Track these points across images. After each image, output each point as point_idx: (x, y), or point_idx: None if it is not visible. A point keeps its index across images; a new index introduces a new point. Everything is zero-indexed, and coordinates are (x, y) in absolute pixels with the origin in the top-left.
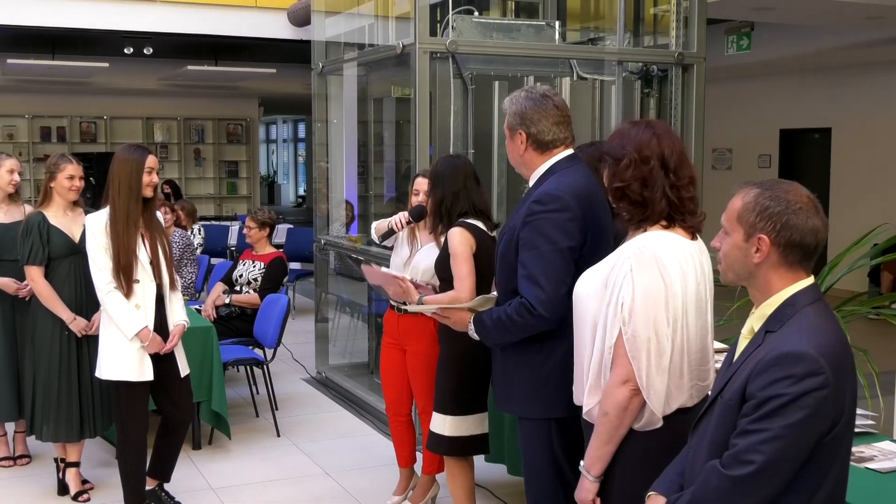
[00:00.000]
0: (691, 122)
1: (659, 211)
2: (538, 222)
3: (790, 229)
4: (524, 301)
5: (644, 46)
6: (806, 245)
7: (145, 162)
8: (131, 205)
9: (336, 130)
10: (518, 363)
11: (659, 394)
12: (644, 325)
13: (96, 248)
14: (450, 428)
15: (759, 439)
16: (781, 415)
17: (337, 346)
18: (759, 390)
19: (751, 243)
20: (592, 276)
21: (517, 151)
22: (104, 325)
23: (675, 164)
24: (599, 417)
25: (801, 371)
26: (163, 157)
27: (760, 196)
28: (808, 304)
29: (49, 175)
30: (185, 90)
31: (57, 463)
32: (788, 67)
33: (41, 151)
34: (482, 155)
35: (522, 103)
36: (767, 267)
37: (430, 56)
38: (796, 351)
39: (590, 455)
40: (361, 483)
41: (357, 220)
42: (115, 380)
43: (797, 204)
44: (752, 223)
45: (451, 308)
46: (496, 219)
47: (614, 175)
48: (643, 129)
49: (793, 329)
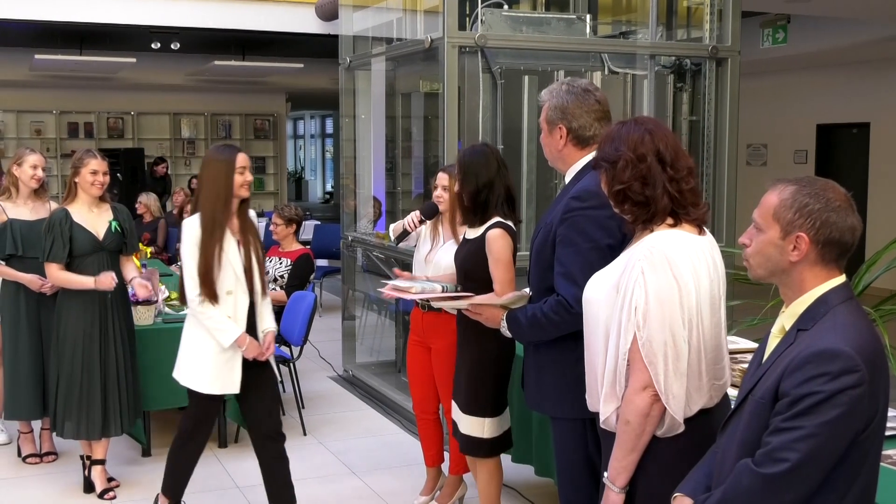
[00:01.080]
0: (725, 118)
1: (662, 207)
2: (577, 219)
3: (829, 227)
4: (561, 299)
5: (677, 40)
6: (843, 243)
7: (235, 161)
8: (217, 208)
9: (364, 126)
10: (552, 362)
11: (679, 398)
12: (659, 328)
13: (188, 257)
14: (489, 430)
15: (794, 437)
16: (817, 412)
17: (364, 344)
18: (794, 388)
19: (788, 241)
20: (602, 280)
21: (555, 146)
22: (190, 329)
23: (671, 158)
24: (621, 426)
25: (837, 368)
26: (189, 153)
27: (798, 193)
28: (841, 303)
29: (73, 170)
30: (212, 85)
31: (83, 460)
32: (826, 61)
33: (68, 147)
34: (511, 151)
35: (564, 97)
36: (803, 265)
37: (458, 50)
38: (832, 348)
39: (613, 466)
40: (388, 483)
41: (385, 216)
42: (198, 391)
43: (836, 202)
44: (791, 220)
45: (484, 304)
46: (526, 215)
47: (613, 178)
48: (633, 127)
49: (827, 327)
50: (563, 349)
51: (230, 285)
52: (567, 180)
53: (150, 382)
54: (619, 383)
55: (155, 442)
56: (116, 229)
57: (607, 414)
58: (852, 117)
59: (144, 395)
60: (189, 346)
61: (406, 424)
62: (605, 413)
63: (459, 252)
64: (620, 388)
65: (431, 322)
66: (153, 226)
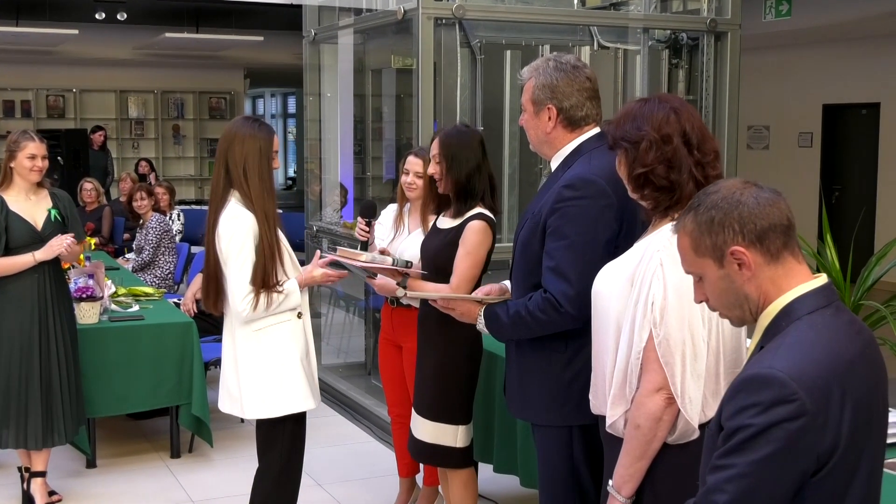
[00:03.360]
0: (725, 97)
1: (688, 193)
2: (569, 209)
3: (751, 221)
4: (549, 296)
5: (672, 12)
6: (776, 225)
7: (273, 142)
8: (267, 196)
9: (330, 105)
10: (538, 364)
11: (695, 402)
12: (678, 326)
13: (242, 256)
14: (462, 438)
15: (724, 477)
16: (748, 449)
17: (330, 344)
18: (727, 419)
19: (728, 264)
20: (614, 271)
21: (543, 129)
22: (253, 350)
23: (697, 140)
24: (630, 431)
25: (768, 398)
26: (137, 134)
27: (697, 217)
28: (809, 313)
29: (9, 154)
30: (162, 60)
31: (21, 472)
32: (832, 36)
33: (3, 128)
34: (492, 132)
35: (552, 74)
36: (758, 277)
37: (434, 22)
38: (762, 374)
39: (620, 474)
40: (357, 495)
41: (352, 203)
42: (287, 415)
43: (731, 192)
44: (714, 245)
45: (458, 298)
46: (507, 203)
47: (634, 160)
48: (657, 105)
49: (774, 345)
50: (550, 351)
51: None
52: (554, 166)
53: (94, 387)
54: (629, 384)
55: (100, 452)
56: (56, 218)
57: (615, 417)
58: (861, 97)
59: (88, 400)
60: (256, 374)
61: (377, 432)
62: (613, 416)
63: (429, 243)
64: (631, 389)
65: (401, 319)
66: (97, 214)
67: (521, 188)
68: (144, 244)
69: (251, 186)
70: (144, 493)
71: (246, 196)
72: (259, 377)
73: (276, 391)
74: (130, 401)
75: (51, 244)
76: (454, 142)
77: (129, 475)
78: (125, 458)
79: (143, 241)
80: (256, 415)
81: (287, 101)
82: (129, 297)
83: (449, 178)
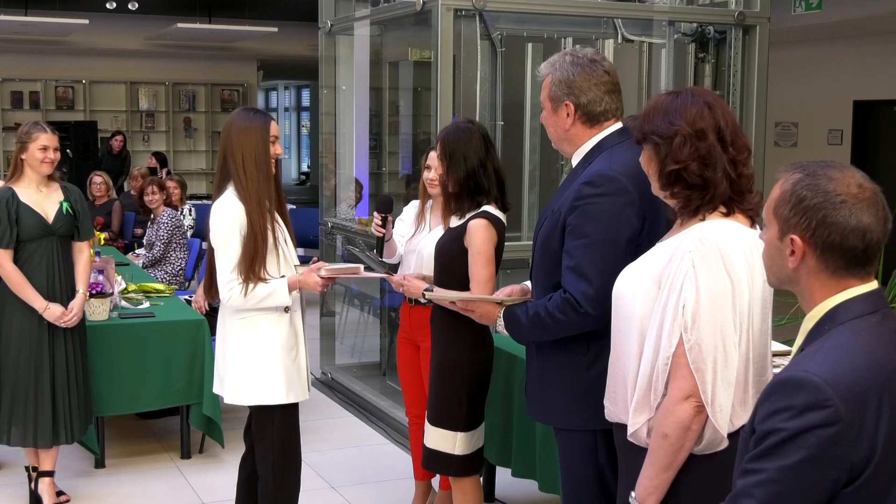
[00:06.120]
0: (752, 92)
1: (721, 192)
2: (589, 207)
3: (827, 228)
4: (569, 296)
5: (699, 4)
6: (849, 248)
7: (270, 129)
8: (262, 184)
9: (345, 98)
10: (559, 366)
11: (725, 410)
12: (710, 331)
13: (228, 242)
14: (462, 445)
15: (753, 482)
16: (778, 454)
17: (345, 343)
18: (760, 422)
19: (784, 243)
20: (638, 272)
21: (562, 126)
22: (237, 337)
23: (731, 136)
24: (657, 440)
25: (802, 402)
26: (148, 126)
27: (799, 184)
28: (852, 319)
29: (20, 146)
30: (174, 51)
31: (28, 472)
32: (864, 30)
33: (11, 120)
34: (513, 127)
35: (568, 69)
36: (806, 273)
37: (454, 14)
38: (797, 377)
39: (644, 485)
40: (371, 498)
41: (367, 199)
42: (272, 404)
43: (839, 196)
44: (787, 218)
45: (477, 299)
46: (528, 200)
47: (667, 156)
48: (690, 98)
49: (813, 350)
50: (572, 352)
51: (283, 271)
52: (574, 163)
53: (103, 385)
54: (654, 391)
55: (109, 452)
56: (68, 211)
57: (637, 425)
58: (894, 93)
59: (97, 398)
60: (242, 357)
61: (392, 434)
62: (635, 424)
63: (440, 240)
64: (657, 396)
65: (420, 318)
66: (107, 208)
67: (542, 185)
68: (155, 240)
69: (247, 175)
70: (154, 494)
71: (241, 185)
72: (239, 364)
73: (254, 380)
74: (140, 400)
75: (58, 317)
76: (451, 140)
77: (139, 475)
78: (134, 458)
79: (154, 237)
80: (233, 400)
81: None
82: (140, 294)
83: (451, 178)
